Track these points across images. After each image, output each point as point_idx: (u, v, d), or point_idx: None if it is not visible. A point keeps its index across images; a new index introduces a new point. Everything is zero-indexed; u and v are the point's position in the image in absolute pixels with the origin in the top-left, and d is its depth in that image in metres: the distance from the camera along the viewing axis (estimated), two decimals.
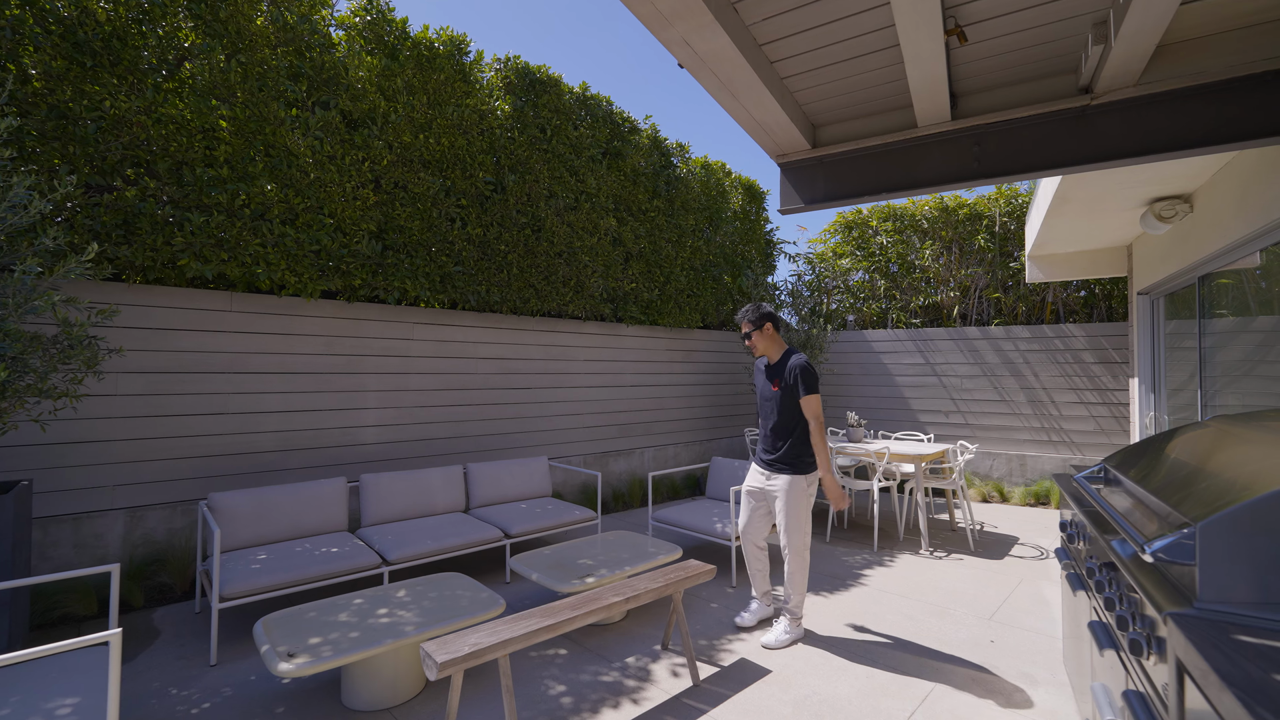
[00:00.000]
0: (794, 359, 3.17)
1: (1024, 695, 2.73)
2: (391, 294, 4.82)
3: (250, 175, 4.01)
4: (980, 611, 3.69)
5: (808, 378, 3.11)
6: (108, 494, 3.74)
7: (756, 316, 3.26)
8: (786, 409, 3.18)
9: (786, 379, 3.16)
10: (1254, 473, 1.33)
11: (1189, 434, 1.99)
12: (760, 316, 3.25)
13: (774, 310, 3.23)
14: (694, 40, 2.25)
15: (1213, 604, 1.18)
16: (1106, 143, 2.68)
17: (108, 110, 3.50)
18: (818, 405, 3.12)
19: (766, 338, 3.28)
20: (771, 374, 3.25)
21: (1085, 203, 4.00)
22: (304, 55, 4.32)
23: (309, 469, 4.47)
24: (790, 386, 3.15)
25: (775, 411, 3.20)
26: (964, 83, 2.88)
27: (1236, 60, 2.39)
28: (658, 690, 2.75)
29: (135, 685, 2.75)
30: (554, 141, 5.80)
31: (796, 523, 3.18)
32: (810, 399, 3.11)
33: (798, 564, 3.22)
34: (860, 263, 8.81)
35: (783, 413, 3.19)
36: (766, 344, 3.28)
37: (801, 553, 3.21)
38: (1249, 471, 1.36)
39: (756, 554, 3.42)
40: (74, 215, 3.49)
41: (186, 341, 4.00)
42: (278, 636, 2.47)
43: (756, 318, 3.26)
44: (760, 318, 3.25)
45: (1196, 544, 1.19)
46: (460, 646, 2.15)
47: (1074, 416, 6.73)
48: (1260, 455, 1.47)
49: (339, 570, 3.36)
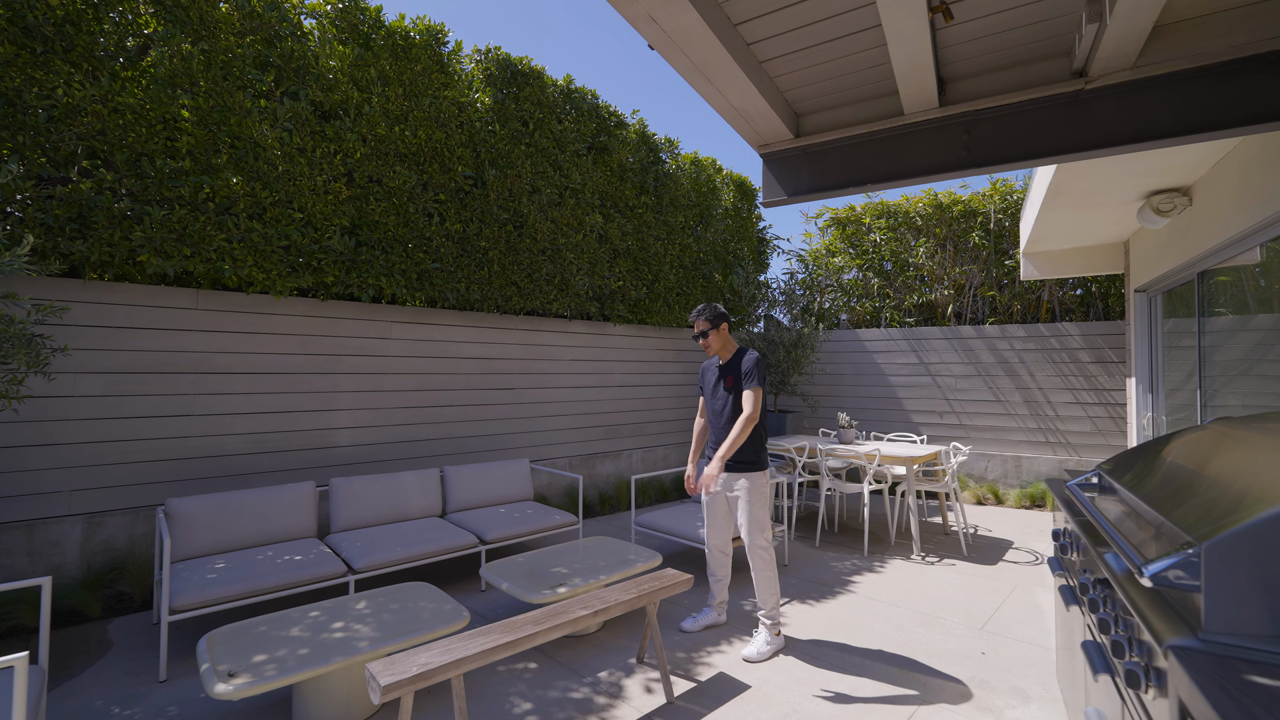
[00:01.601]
0: (748, 355, 3.19)
1: (1016, 713, 2.58)
2: (366, 291, 4.67)
3: (214, 168, 3.86)
4: (972, 621, 3.55)
5: (754, 369, 3.14)
6: (65, 499, 3.58)
7: (713, 315, 3.28)
8: (737, 405, 3.19)
9: (741, 375, 3.18)
10: (1264, 484, 1.19)
11: (1188, 438, 1.85)
12: (716, 316, 3.29)
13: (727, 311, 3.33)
14: (660, 16, 2.10)
15: (1220, 635, 1.03)
16: (1102, 129, 2.53)
17: (60, 99, 3.34)
18: (759, 400, 3.10)
19: (722, 337, 3.31)
20: (725, 371, 3.27)
21: (1081, 196, 3.86)
22: (273, 44, 4.16)
23: (280, 473, 4.32)
24: (740, 382, 3.18)
25: (728, 409, 3.20)
26: (952, 67, 2.73)
27: (1239, 40, 2.24)
28: (629, 708, 2.60)
29: (74, 703, 2.59)
30: (537, 135, 5.65)
31: (759, 522, 3.17)
32: (754, 391, 3.10)
33: (764, 565, 3.18)
34: (854, 260, 8.67)
35: (735, 408, 3.20)
36: (721, 343, 3.31)
37: (766, 551, 3.19)
38: (1258, 482, 1.21)
39: (721, 560, 3.41)
40: (24, 208, 3.33)
41: (149, 341, 3.84)
42: (221, 653, 2.32)
43: (713, 316, 3.28)
44: (716, 317, 3.28)
45: (1201, 566, 1.04)
46: (408, 667, 2.00)
47: (1070, 417, 6.59)
48: (1268, 463, 1.33)
49: (300, 580, 3.21)
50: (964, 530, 5.04)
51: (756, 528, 3.17)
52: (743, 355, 3.23)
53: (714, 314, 3.29)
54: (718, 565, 3.43)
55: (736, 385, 3.19)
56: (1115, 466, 1.82)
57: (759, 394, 3.11)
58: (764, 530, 3.18)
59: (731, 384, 3.21)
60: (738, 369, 3.21)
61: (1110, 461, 1.90)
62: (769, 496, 3.23)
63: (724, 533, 3.37)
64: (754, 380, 3.11)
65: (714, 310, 3.30)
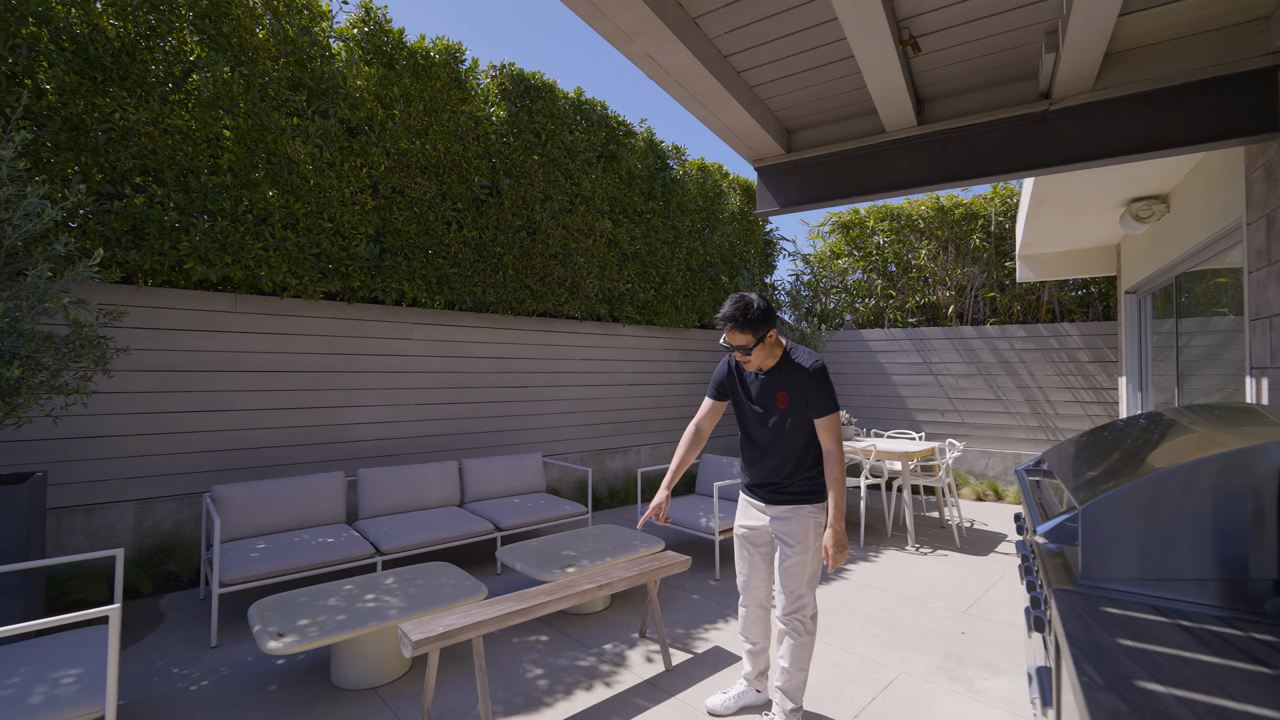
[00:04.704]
0: (809, 364, 2.28)
1: (986, 683, 2.81)
2: (390, 295, 4.99)
3: (253, 182, 4.19)
4: (956, 605, 3.77)
5: (829, 389, 2.27)
6: (119, 486, 3.93)
7: (755, 318, 2.21)
8: (797, 430, 2.31)
9: (807, 395, 2.27)
10: (1146, 458, 1.43)
11: (1128, 424, 2.07)
12: (759, 318, 2.22)
13: (769, 303, 2.28)
14: (656, 55, 2.37)
15: (1095, 581, 1.28)
16: (1065, 146, 2.76)
17: (117, 122, 3.69)
18: (838, 427, 2.28)
19: (766, 348, 2.29)
20: (775, 384, 2.33)
21: (1062, 203, 4.06)
22: (304, 66, 4.49)
23: (310, 464, 4.65)
24: (805, 403, 2.28)
25: (783, 433, 2.31)
26: (929, 89, 2.97)
27: (1187, 66, 2.46)
28: (630, 674, 2.88)
29: (139, 665, 2.92)
30: (549, 146, 5.94)
31: (806, 573, 2.31)
32: (834, 420, 2.26)
33: (805, 631, 2.32)
34: (858, 262, 8.86)
35: (793, 434, 2.31)
36: (765, 355, 2.30)
37: (810, 612, 2.34)
38: (1142, 458, 1.45)
39: (758, 614, 2.54)
40: (86, 222, 3.69)
41: (193, 341, 4.19)
42: (270, 618, 2.63)
43: (754, 320, 2.21)
44: (758, 320, 2.22)
45: (1079, 526, 1.29)
46: (435, 627, 2.29)
47: (1069, 415, 6.74)
48: (1168, 442, 1.56)
49: (333, 559, 3.52)
50: (959, 523, 5.24)
51: (802, 579, 2.31)
52: (797, 361, 2.30)
53: (756, 315, 2.21)
54: (754, 624, 2.55)
55: (798, 407, 2.29)
56: (1053, 452, 2.06)
57: (839, 421, 2.28)
58: (813, 580, 2.34)
59: (788, 403, 2.29)
60: (799, 384, 2.27)
61: (1054, 448, 2.13)
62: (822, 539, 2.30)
63: (764, 578, 2.53)
64: (832, 404, 2.25)
65: (757, 308, 2.21)
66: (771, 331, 2.27)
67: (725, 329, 2.26)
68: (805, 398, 2.27)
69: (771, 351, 2.32)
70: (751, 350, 2.25)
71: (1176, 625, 1.09)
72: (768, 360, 2.34)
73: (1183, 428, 1.70)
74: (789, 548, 2.33)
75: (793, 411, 2.29)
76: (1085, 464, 1.65)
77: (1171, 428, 1.75)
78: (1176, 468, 1.26)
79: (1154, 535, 1.25)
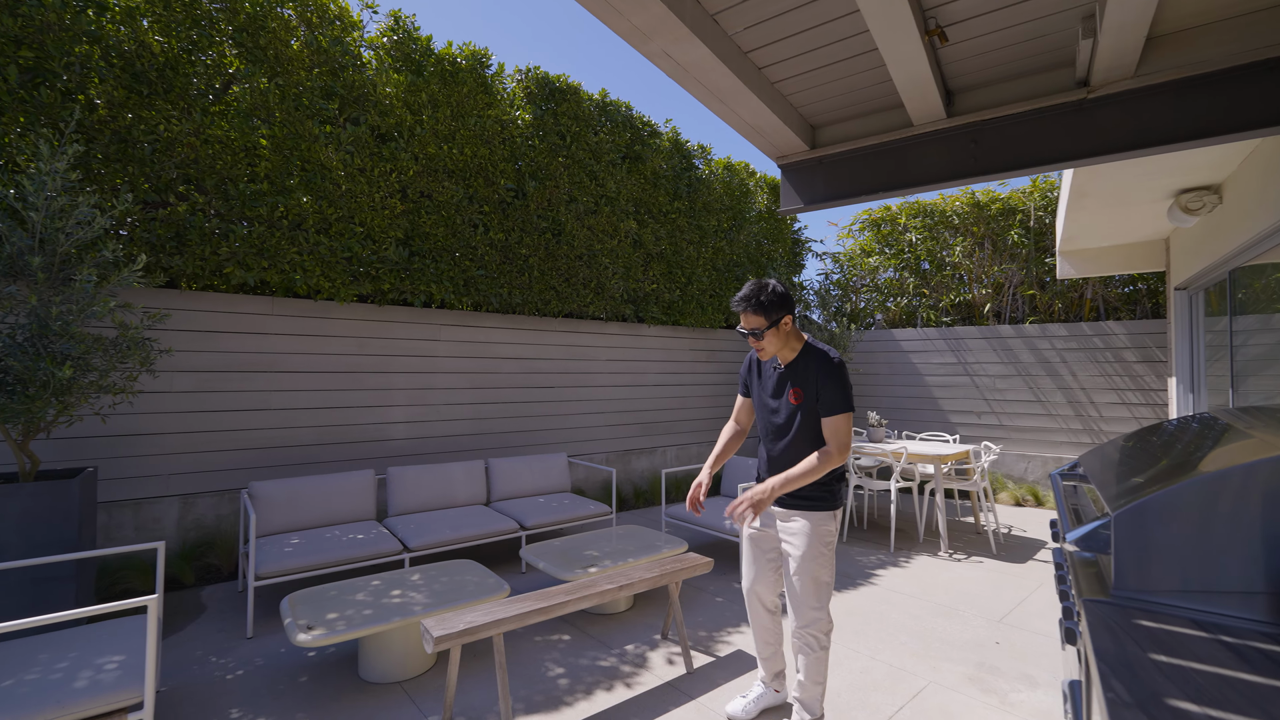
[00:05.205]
0: (827, 360, 2.21)
1: (1020, 696, 2.70)
2: (418, 297, 5.09)
3: (288, 189, 4.33)
4: (991, 614, 3.64)
5: (842, 389, 2.18)
6: (163, 481, 4.11)
7: (769, 302, 2.16)
8: (808, 428, 2.24)
9: (819, 392, 2.20)
10: (1197, 462, 1.35)
11: (1174, 426, 1.96)
12: (773, 302, 2.17)
13: (788, 290, 2.23)
14: (674, 52, 2.35)
15: (1129, 592, 1.21)
16: (1105, 136, 2.63)
17: (162, 133, 3.85)
18: (849, 430, 2.19)
19: (781, 336, 2.23)
20: (790, 378, 2.28)
21: (1104, 197, 3.88)
22: (337, 75, 4.62)
23: (342, 461, 4.78)
24: (816, 399, 2.22)
25: (792, 430, 2.27)
26: (958, 80, 2.87)
27: (1238, 49, 2.32)
28: (651, 676, 2.86)
29: (179, 653, 3.05)
30: (574, 147, 5.97)
31: (816, 581, 2.24)
32: (841, 420, 2.17)
33: (817, 645, 2.27)
34: (889, 260, 8.66)
35: (802, 433, 2.25)
36: (780, 344, 2.25)
37: (823, 627, 2.26)
38: (1193, 461, 1.37)
39: (765, 619, 2.51)
40: (133, 230, 3.86)
41: (232, 343, 4.35)
42: (300, 611, 2.71)
43: (768, 303, 2.16)
44: (773, 304, 2.17)
45: (1112, 533, 1.22)
46: (456, 624, 2.32)
47: (1115, 418, 6.45)
48: (1219, 446, 1.47)
49: (363, 555, 3.61)
50: (995, 529, 5.06)
51: (813, 587, 2.24)
52: (816, 357, 2.23)
53: (771, 299, 2.17)
54: (761, 625, 2.51)
55: (809, 404, 2.23)
56: (1091, 455, 1.96)
57: (849, 423, 2.18)
58: (823, 590, 2.26)
59: (800, 399, 2.24)
60: (812, 380, 2.21)
61: (1091, 451, 2.03)
62: (833, 548, 2.29)
63: (772, 585, 2.47)
64: (842, 403, 2.16)
65: (771, 294, 2.17)
66: (787, 318, 2.22)
67: (740, 310, 2.23)
68: (818, 393, 2.20)
69: (789, 343, 2.27)
70: (764, 334, 2.20)
71: (1217, 641, 1.02)
72: (785, 352, 2.29)
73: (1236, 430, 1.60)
74: (794, 557, 2.27)
75: (804, 407, 2.24)
76: (1123, 468, 1.57)
77: (1223, 430, 1.65)
78: (1226, 471, 1.19)
79: (1196, 544, 1.17)
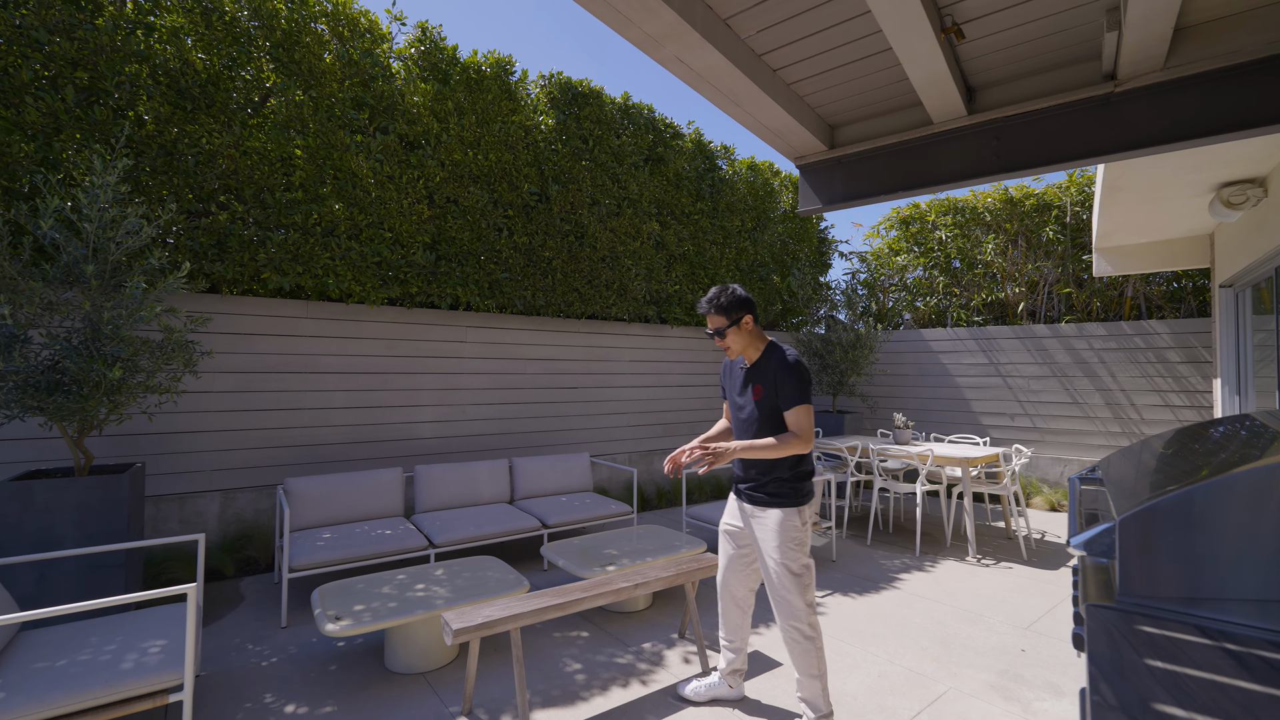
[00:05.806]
0: (784, 357, 2.32)
1: (1044, 704, 2.64)
2: (445, 300, 5.23)
3: (321, 197, 4.50)
4: (1018, 620, 3.55)
5: (798, 382, 2.27)
6: (206, 477, 4.32)
7: (729, 304, 2.34)
8: (770, 422, 2.33)
9: (777, 388, 2.30)
10: (1213, 465, 1.32)
11: (1204, 428, 1.90)
12: (733, 304, 2.34)
13: (749, 295, 2.39)
14: (687, 58, 2.38)
15: (1134, 598, 1.19)
16: (1133, 130, 2.56)
17: (204, 146, 4.06)
18: (809, 420, 2.27)
19: (744, 335, 2.38)
20: (753, 377, 2.39)
21: (1139, 191, 3.75)
22: (367, 86, 4.78)
23: (372, 459, 4.94)
24: (775, 394, 2.32)
25: (756, 424, 2.36)
26: (979, 76, 2.83)
27: (1271, 38, 2.23)
28: (667, 674, 2.89)
29: (219, 640, 3.21)
30: (596, 151, 6.04)
31: (789, 572, 2.27)
32: (800, 411, 2.26)
33: (801, 636, 2.28)
34: (918, 259, 8.49)
35: (765, 427, 2.34)
36: (745, 342, 2.40)
37: (804, 618, 2.27)
38: (1210, 464, 1.34)
39: (734, 613, 2.57)
40: (178, 238, 4.08)
41: (268, 345, 4.54)
42: (329, 602, 2.82)
43: (729, 305, 2.34)
44: (733, 306, 2.34)
45: (1116, 538, 1.21)
46: (475, 617, 2.39)
47: (1156, 421, 6.20)
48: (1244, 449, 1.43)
49: (390, 550, 3.73)
50: (1026, 534, 4.93)
51: (790, 583, 2.26)
52: (775, 356, 2.35)
53: (730, 301, 2.34)
54: (729, 617, 2.58)
55: (769, 399, 2.32)
56: (1110, 459, 1.92)
57: (809, 414, 2.26)
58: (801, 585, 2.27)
59: (761, 395, 2.33)
60: (771, 377, 2.32)
61: (1112, 454, 1.98)
62: (807, 538, 2.33)
63: (742, 580, 2.53)
64: (798, 396, 2.25)
65: (731, 296, 2.34)
66: (748, 318, 2.37)
67: (704, 312, 2.42)
68: (777, 389, 2.31)
69: (753, 343, 2.42)
70: (725, 333, 2.38)
71: (1219, 648, 1.01)
72: (750, 352, 2.43)
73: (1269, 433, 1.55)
74: (765, 551, 2.34)
75: (765, 403, 2.34)
76: (1138, 471, 1.54)
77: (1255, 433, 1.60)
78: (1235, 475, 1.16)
79: (1204, 549, 1.15)
